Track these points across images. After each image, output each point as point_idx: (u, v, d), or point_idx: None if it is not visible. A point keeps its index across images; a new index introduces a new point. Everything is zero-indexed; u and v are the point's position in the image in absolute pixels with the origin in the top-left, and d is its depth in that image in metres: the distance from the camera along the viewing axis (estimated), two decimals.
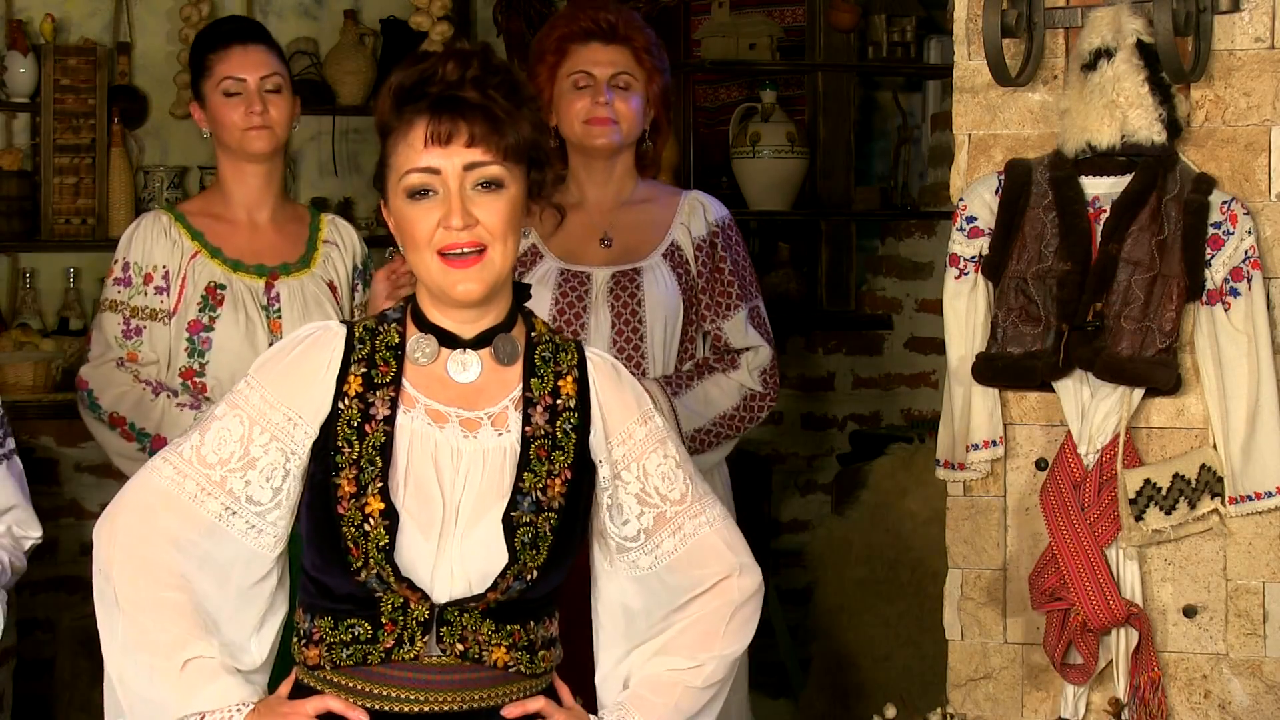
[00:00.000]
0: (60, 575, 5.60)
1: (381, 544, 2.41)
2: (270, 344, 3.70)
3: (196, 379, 3.75)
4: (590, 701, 2.62)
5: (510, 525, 2.44)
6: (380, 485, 2.43)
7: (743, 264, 3.79)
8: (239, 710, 2.46)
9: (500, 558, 2.44)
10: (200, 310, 3.75)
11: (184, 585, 2.47)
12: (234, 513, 2.47)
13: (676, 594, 2.57)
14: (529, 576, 2.44)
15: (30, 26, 5.82)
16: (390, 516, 2.42)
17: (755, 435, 3.97)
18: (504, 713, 2.48)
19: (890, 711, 3.26)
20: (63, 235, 5.76)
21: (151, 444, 3.69)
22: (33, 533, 3.00)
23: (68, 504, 5.74)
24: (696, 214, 3.77)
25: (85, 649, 5.04)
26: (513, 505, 2.44)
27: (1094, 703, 3.19)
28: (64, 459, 5.66)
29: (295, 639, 2.52)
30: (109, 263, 3.85)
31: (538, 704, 2.50)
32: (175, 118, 5.96)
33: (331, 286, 3.86)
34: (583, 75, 3.70)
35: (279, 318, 3.78)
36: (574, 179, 3.78)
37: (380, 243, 4.20)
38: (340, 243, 3.92)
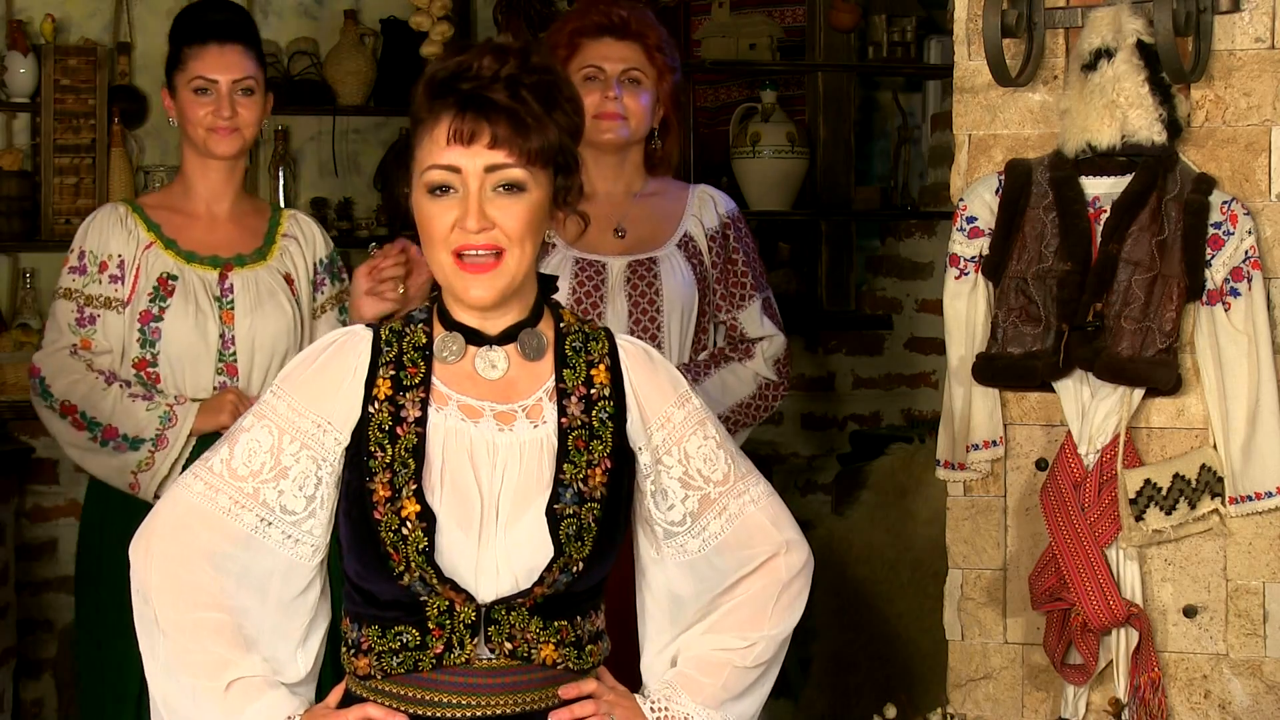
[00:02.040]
0: (60, 575, 5.58)
1: (421, 546, 2.39)
2: (221, 335, 3.74)
3: (149, 369, 3.74)
4: (634, 688, 2.59)
5: (554, 518, 2.42)
6: (415, 487, 2.40)
7: (753, 256, 3.83)
8: None
9: (545, 552, 2.41)
10: (151, 301, 3.74)
11: (224, 604, 2.44)
12: (269, 524, 2.44)
13: (724, 575, 2.55)
14: (575, 569, 2.42)
15: (30, 26, 5.81)
16: (428, 518, 2.39)
17: (756, 435, 3.97)
18: (560, 692, 2.46)
19: (890, 711, 3.26)
20: (63, 235, 5.72)
21: (103, 434, 3.67)
22: None
23: (68, 504, 5.72)
24: (707, 206, 3.79)
25: None
26: (555, 498, 2.42)
27: (1094, 703, 3.19)
28: (64, 459, 5.63)
29: (344, 649, 2.49)
30: None
31: (590, 685, 2.49)
32: None
33: (288, 279, 3.84)
34: (593, 69, 3.70)
35: (231, 309, 3.76)
36: (584, 172, 3.78)
37: (381, 243, 4.17)
38: (300, 237, 3.90)
